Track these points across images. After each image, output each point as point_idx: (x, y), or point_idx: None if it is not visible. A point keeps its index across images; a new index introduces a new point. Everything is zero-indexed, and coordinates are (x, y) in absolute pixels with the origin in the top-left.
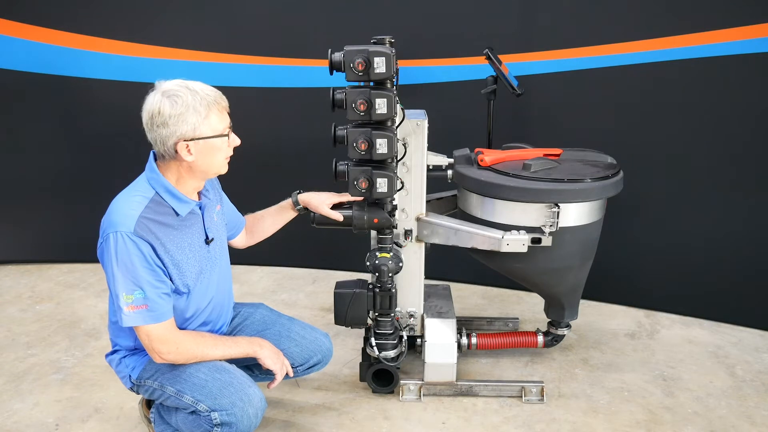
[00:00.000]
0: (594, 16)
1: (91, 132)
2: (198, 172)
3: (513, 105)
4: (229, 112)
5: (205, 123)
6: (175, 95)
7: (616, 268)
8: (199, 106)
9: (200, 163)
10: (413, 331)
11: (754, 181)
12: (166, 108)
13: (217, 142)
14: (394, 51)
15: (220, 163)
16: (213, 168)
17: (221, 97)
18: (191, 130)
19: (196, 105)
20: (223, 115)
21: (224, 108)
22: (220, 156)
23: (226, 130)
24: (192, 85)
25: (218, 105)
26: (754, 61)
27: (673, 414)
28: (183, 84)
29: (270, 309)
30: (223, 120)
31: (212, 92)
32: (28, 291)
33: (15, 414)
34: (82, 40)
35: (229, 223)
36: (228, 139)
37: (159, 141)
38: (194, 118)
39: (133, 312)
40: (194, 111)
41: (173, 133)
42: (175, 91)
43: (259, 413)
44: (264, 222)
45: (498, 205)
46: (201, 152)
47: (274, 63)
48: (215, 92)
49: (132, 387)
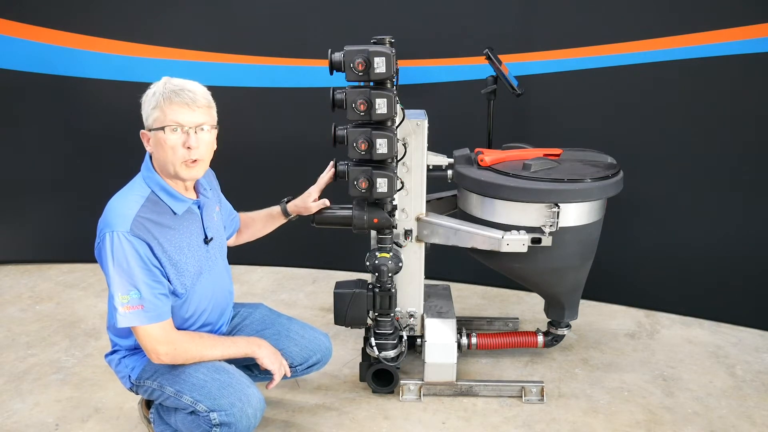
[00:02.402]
0: (594, 16)
1: (91, 132)
2: (158, 167)
3: (513, 105)
4: (217, 117)
5: (152, 113)
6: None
7: (616, 268)
8: (152, 97)
9: (157, 157)
10: (413, 331)
11: (755, 180)
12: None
13: (161, 136)
14: (394, 51)
15: (175, 162)
16: (168, 166)
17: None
18: (145, 119)
19: (150, 95)
20: (180, 111)
21: (188, 104)
22: (171, 154)
23: (172, 125)
24: (173, 79)
25: (174, 99)
26: (754, 61)
27: (673, 414)
28: (167, 78)
29: (269, 309)
30: (178, 115)
31: (177, 86)
32: (28, 291)
33: (15, 414)
34: (82, 40)
35: (225, 225)
36: (175, 136)
37: None
38: (147, 107)
39: (128, 312)
40: (148, 101)
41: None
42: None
43: (258, 413)
44: (255, 225)
45: (498, 205)
46: (154, 144)
47: (273, 63)
48: (181, 87)
49: (131, 387)
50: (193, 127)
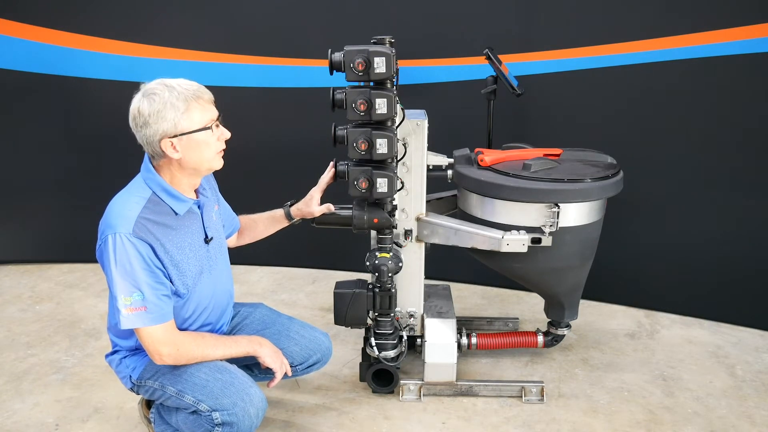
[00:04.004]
0: (594, 16)
1: (91, 132)
2: (189, 168)
3: (513, 105)
4: (217, 106)
5: (184, 118)
6: (152, 94)
7: (616, 268)
8: (176, 102)
9: (188, 159)
10: (413, 331)
11: (754, 180)
12: (145, 107)
13: (200, 136)
14: (394, 51)
15: (211, 157)
16: (203, 163)
17: (202, 90)
18: (172, 127)
19: (173, 100)
20: (206, 108)
21: (207, 101)
22: (208, 151)
23: (210, 123)
24: (170, 81)
25: (198, 98)
26: (754, 61)
27: (673, 414)
28: (161, 81)
29: (269, 308)
30: (206, 113)
31: (191, 86)
32: (28, 291)
33: (15, 414)
34: (82, 40)
35: (225, 224)
36: (212, 132)
37: (146, 142)
38: (173, 113)
39: (131, 314)
40: (172, 107)
41: (156, 132)
42: (152, 89)
43: (260, 413)
44: (257, 227)
45: (498, 205)
46: (186, 148)
47: (274, 63)
48: (194, 86)
49: (132, 387)
50: (218, 119)
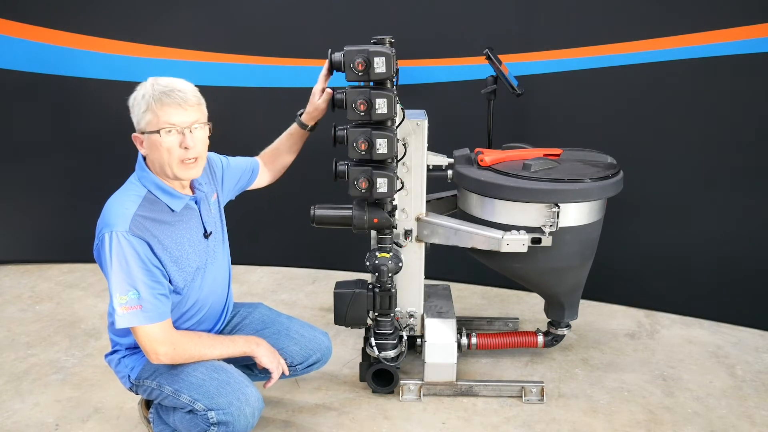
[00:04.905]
0: (594, 16)
1: (91, 132)
2: (156, 168)
3: (513, 105)
4: (211, 110)
5: (144, 117)
6: (138, 88)
7: (616, 268)
8: (141, 99)
9: (153, 159)
10: (413, 331)
11: (754, 180)
12: (129, 99)
13: (156, 138)
14: (394, 51)
15: (172, 164)
16: (166, 168)
17: (174, 93)
18: (137, 123)
19: (140, 98)
20: (168, 112)
21: (175, 105)
22: (168, 156)
23: (165, 127)
24: (160, 80)
25: (160, 101)
26: (754, 61)
27: (673, 414)
28: (154, 78)
29: (269, 308)
30: (166, 116)
31: (164, 87)
32: (28, 291)
33: (15, 414)
34: (82, 40)
35: (243, 174)
36: (164, 136)
37: None
38: (136, 110)
39: (126, 312)
40: (137, 104)
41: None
42: (141, 84)
43: (256, 412)
44: (281, 154)
45: (498, 205)
46: (149, 147)
47: (274, 63)
48: (168, 87)
49: (131, 387)
50: (188, 126)
